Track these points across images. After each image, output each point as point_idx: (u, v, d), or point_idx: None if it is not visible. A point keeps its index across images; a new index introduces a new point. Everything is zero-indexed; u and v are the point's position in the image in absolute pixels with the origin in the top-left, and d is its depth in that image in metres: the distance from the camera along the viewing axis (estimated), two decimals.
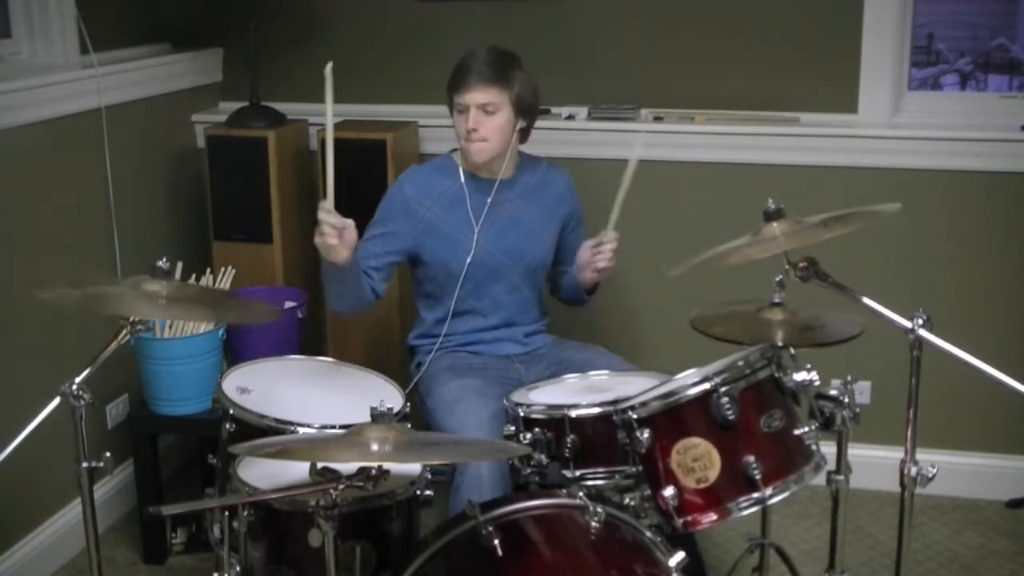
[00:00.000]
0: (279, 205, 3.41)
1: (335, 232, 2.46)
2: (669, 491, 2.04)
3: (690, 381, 2.07)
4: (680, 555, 1.96)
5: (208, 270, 3.27)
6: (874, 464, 3.01)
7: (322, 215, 2.45)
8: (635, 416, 2.08)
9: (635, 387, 2.29)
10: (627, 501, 2.20)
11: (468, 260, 2.77)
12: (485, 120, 2.69)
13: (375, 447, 1.80)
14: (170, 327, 3.06)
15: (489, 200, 2.79)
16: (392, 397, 2.45)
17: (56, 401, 2.00)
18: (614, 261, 2.74)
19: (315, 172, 3.45)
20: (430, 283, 2.86)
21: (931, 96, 3.52)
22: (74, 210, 3.12)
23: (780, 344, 2.16)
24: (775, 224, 2.13)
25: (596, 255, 2.74)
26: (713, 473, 2.02)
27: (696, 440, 2.03)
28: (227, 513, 2.19)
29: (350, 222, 2.49)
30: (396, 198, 2.80)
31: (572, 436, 2.30)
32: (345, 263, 2.53)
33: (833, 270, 2.10)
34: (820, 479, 2.13)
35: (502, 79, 2.69)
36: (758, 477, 2.00)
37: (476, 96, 2.68)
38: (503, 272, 2.82)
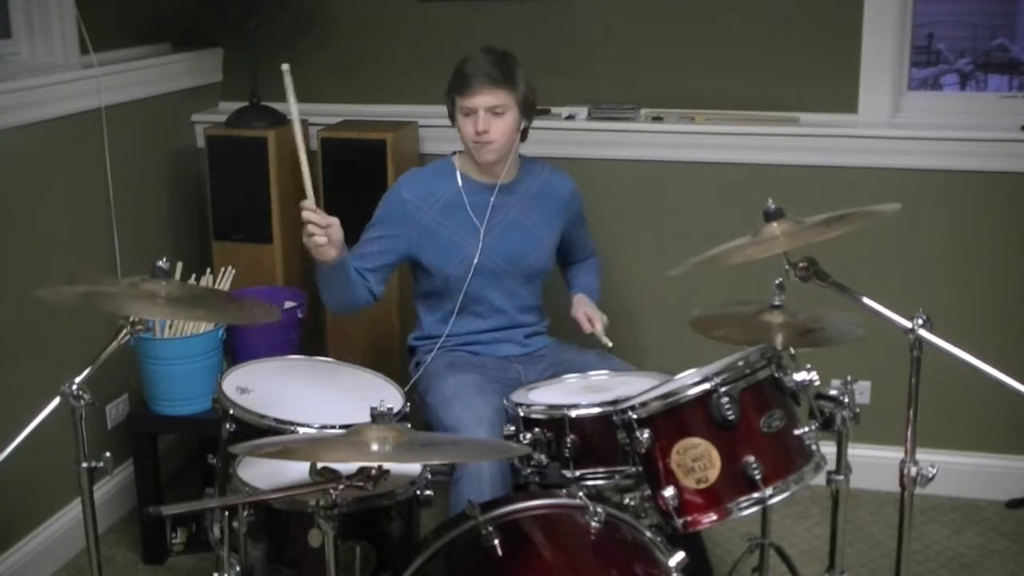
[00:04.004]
0: (279, 205, 3.41)
1: (321, 230, 2.47)
2: (669, 491, 2.04)
3: (690, 381, 2.07)
4: (680, 555, 1.96)
5: (208, 270, 3.27)
6: (874, 464, 3.01)
7: (305, 214, 2.46)
8: (635, 416, 2.08)
9: (635, 387, 2.29)
10: (627, 501, 2.21)
11: (474, 264, 2.76)
12: (494, 121, 2.68)
13: (375, 447, 1.80)
14: (170, 327, 3.05)
15: (491, 203, 2.78)
16: (392, 397, 2.45)
17: (56, 401, 2.00)
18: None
19: (315, 172, 3.44)
20: (429, 285, 2.86)
21: (931, 96, 3.51)
22: (74, 210, 3.12)
23: (780, 347, 2.16)
24: (775, 224, 2.13)
25: (586, 326, 2.82)
26: (713, 473, 2.02)
27: (696, 440, 2.03)
28: (227, 513, 2.19)
29: (334, 220, 2.50)
30: (394, 202, 2.79)
31: (572, 436, 2.31)
32: (335, 261, 2.54)
33: (833, 270, 2.10)
34: (820, 479, 2.13)
35: (509, 80, 2.68)
36: (758, 477, 2.00)
37: (485, 99, 2.66)
38: (502, 276, 2.82)
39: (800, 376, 2.11)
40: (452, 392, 2.61)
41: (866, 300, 2.04)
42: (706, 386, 2.03)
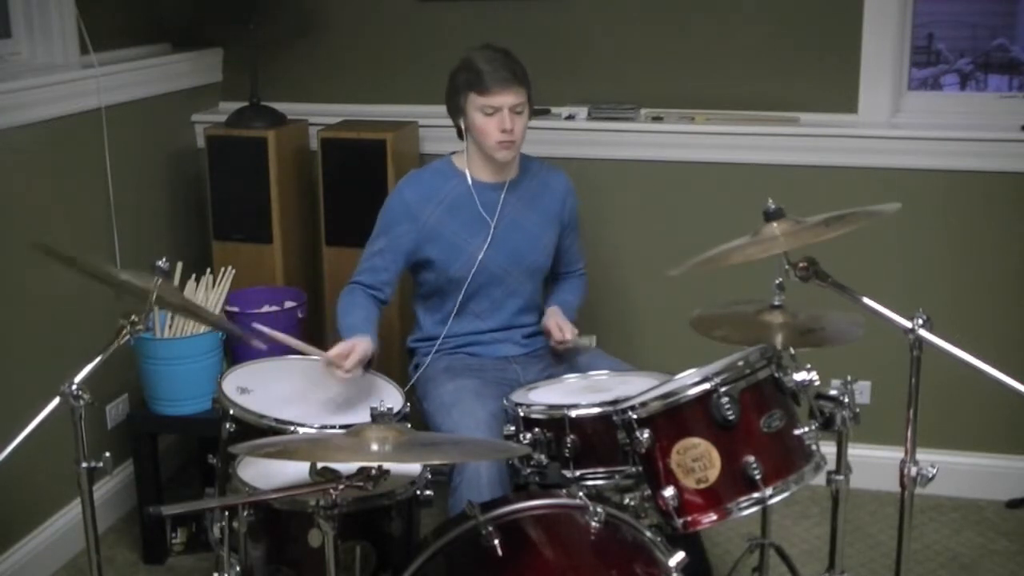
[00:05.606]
0: (279, 205, 3.41)
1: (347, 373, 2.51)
2: (669, 491, 2.04)
3: (690, 381, 2.07)
4: (680, 555, 1.96)
5: (208, 270, 3.27)
6: (874, 464, 3.01)
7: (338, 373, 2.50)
8: (635, 416, 2.08)
9: (635, 387, 2.30)
10: (627, 501, 2.20)
11: (478, 261, 2.76)
12: (516, 120, 2.68)
13: (375, 447, 1.80)
14: (170, 327, 3.05)
15: (501, 200, 2.78)
16: (392, 397, 2.45)
17: (56, 401, 2.00)
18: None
19: (315, 172, 3.45)
20: (431, 286, 2.85)
21: (931, 96, 3.51)
22: (74, 210, 3.12)
23: (780, 347, 2.16)
24: (775, 224, 2.13)
25: (555, 339, 2.76)
26: (713, 473, 2.02)
27: (696, 440, 2.03)
28: (227, 513, 2.19)
29: (358, 355, 2.53)
30: (397, 204, 2.79)
31: (572, 436, 2.31)
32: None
33: (833, 270, 2.10)
34: (820, 479, 2.13)
35: (525, 79, 2.70)
36: (758, 477, 2.00)
37: (510, 97, 2.65)
38: (504, 276, 2.82)
39: (800, 376, 2.11)
40: (450, 398, 2.61)
41: (866, 300, 2.04)
42: (706, 386, 2.03)
